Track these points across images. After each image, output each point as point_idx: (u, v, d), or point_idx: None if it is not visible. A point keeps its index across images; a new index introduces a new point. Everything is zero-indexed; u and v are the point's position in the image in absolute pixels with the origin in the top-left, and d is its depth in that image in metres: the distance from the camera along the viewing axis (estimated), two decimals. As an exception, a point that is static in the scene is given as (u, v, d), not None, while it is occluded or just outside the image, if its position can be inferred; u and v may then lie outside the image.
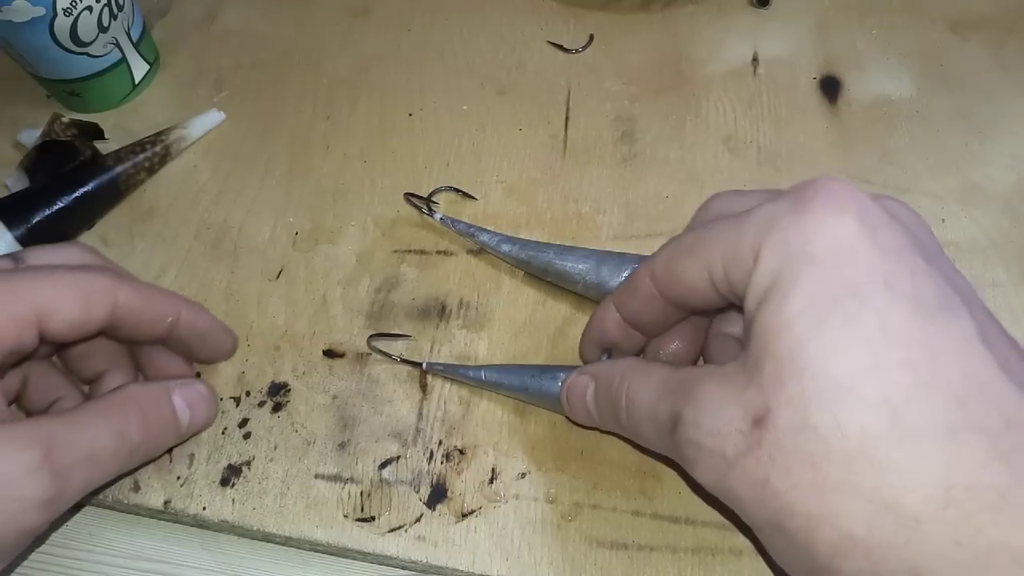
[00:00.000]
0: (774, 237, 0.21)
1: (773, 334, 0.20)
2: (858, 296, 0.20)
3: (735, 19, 0.48)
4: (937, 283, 0.20)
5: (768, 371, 0.20)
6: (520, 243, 0.36)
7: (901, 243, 0.21)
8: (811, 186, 0.22)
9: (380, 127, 0.44)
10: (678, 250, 0.25)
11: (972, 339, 0.20)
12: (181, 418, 0.30)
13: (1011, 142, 0.41)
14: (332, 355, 0.35)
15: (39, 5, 0.38)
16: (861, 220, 0.21)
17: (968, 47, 0.46)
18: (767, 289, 0.21)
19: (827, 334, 0.20)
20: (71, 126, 0.40)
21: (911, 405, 0.19)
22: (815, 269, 0.20)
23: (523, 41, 0.47)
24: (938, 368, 0.19)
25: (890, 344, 0.19)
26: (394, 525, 0.31)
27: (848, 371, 0.19)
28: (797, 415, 0.19)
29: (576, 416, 0.29)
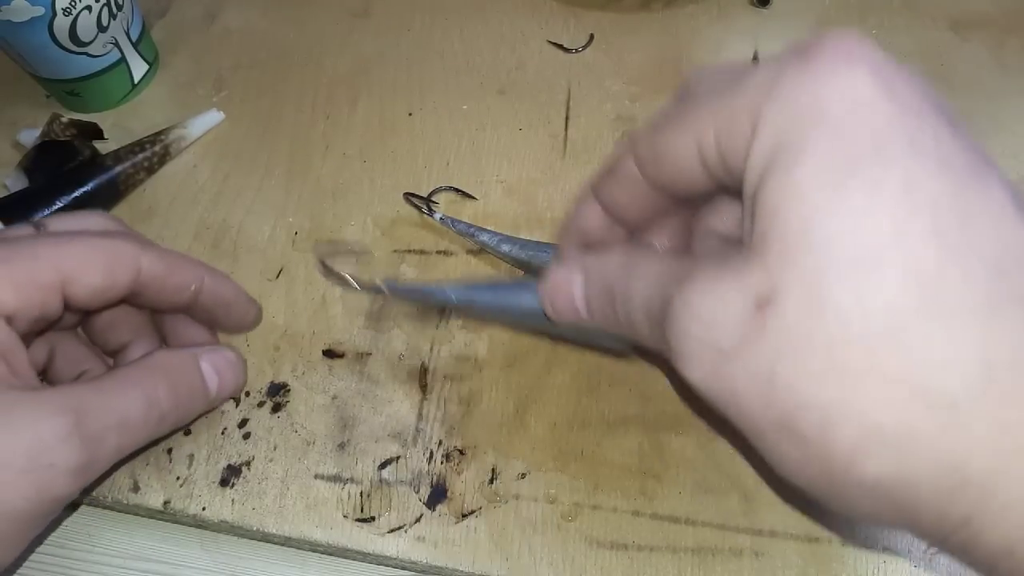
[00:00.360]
0: (777, 98, 0.18)
1: (780, 206, 0.18)
2: (880, 157, 0.17)
3: (736, 19, 0.48)
4: (964, 145, 0.18)
5: (775, 249, 0.17)
6: (520, 243, 0.36)
7: (923, 101, 0.18)
8: (817, 39, 0.19)
9: (380, 127, 0.43)
10: (664, 124, 0.22)
11: (1007, 206, 0.17)
12: (210, 384, 0.30)
13: (1011, 142, 0.41)
14: (332, 355, 0.35)
15: (38, 5, 0.38)
16: (877, 75, 0.18)
17: (968, 47, 0.46)
18: (770, 158, 0.18)
19: (847, 199, 0.17)
20: (70, 126, 0.40)
21: (943, 277, 0.16)
22: (828, 129, 0.17)
23: (523, 41, 0.47)
24: (973, 236, 0.17)
25: (919, 210, 0.17)
26: (394, 525, 0.31)
27: (872, 242, 0.17)
28: (810, 294, 0.17)
29: (561, 315, 0.25)
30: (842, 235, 0.17)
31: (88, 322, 0.31)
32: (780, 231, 0.17)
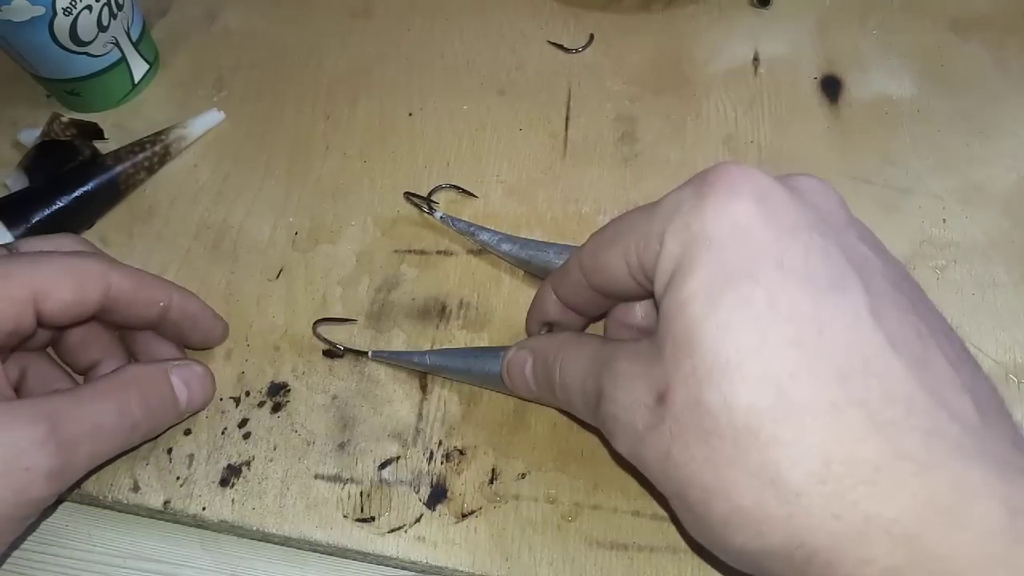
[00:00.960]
0: (677, 222, 0.22)
1: (673, 314, 0.21)
2: (751, 275, 0.20)
3: (736, 19, 0.48)
4: (831, 259, 0.21)
5: (668, 350, 0.21)
6: (520, 242, 0.36)
7: (797, 221, 0.21)
8: (712, 171, 0.23)
9: (380, 127, 0.43)
10: (601, 240, 0.26)
11: (861, 313, 0.20)
12: (180, 396, 0.31)
13: (1011, 142, 0.41)
14: (332, 355, 0.35)
15: (39, 4, 0.38)
16: (757, 200, 0.21)
17: (968, 47, 0.46)
18: (670, 274, 0.22)
19: (719, 313, 0.20)
20: (71, 126, 0.40)
21: (795, 381, 0.19)
22: (711, 251, 0.21)
23: (523, 41, 0.47)
24: (824, 343, 0.20)
25: (778, 321, 0.20)
26: (394, 525, 0.31)
27: (737, 349, 0.20)
28: (691, 392, 0.20)
29: (516, 389, 0.30)
30: (714, 343, 0.20)
31: (59, 341, 0.32)
32: (672, 336, 0.21)
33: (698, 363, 0.20)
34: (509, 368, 0.30)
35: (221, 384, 0.34)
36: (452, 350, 0.34)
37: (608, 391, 0.23)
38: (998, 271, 0.37)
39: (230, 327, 0.36)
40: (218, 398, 0.34)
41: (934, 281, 0.36)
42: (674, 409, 0.21)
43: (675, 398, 0.21)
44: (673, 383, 0.21)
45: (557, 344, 0.28)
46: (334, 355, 0.35)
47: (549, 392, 0.28)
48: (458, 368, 0.33)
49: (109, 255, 0.32)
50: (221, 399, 0.34)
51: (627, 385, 0.23)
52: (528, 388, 0.29)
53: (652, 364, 0.22)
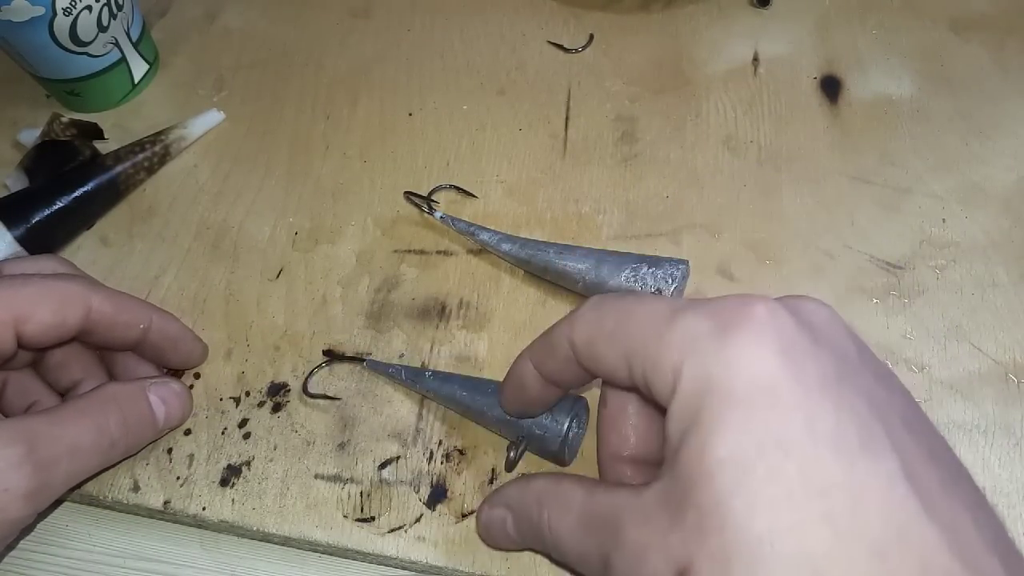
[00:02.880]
0: (694, 362, 0.21)
1: (696, 481, 0.20)
2: (780, 445, 0.19)
3: (735, 19, 0.48)
4: (859, 416, 0.20)
5: (690, 520, 0.20)
6: (520, 242, 0.36)
7: (825, 374, 0.21)
8: (736, 307, 0.21)
9: (380, 127, 0.43)
10: (600, 330, 0.24)
11: (895, 478, 0.19)
12: (157, 414, 0.31)
13: (1011, 142, 0.41)
14: (332, 355, 0.35)
15: (38, 5, 0.38)
16: (785, 354, 0.20)
17: (968, 47, 0.46)
18: (689, 421, 0.21)
19: (750, 488, 0.19)
20: (71, 126, 0.40)
21: (831, 562, 0.18)
22: (738, 413, 0.20)
23: (523, 41, 0.47)
24: (859, 517, 0.19)
25: (811, 497, 0.19)
26: (394, 525, 0.31)
27: (770, 528, 0.19)
28: (718, 571, 0.19)
29: (501, 545, 0.29)
30: (745, 520, 0.19)
31: (40, 361, 0.33)
32: (695, 507, 0.20)
33: (727, 540, 0.19)
34: (488, 529, 0.29)
35: (221, 384, 0.34)
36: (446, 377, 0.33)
37: (618, 564, 0.22)
38: (998, 271, 0.37)
39: (230, 327, 0.36)
40: (218, 398, 0.34)
41: (934, 281, 0.36)
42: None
43: None
44: (698, 561, 0.19)
45: (536, 496, 0.26)
46: (334, 355, 0.35)
47: (541, 549, 0.27)
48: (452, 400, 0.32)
49: (90, 277, 0.32)
50: (221, 399, 0.34)
51: (641, 558, 0.21)
52: (512, 543, 0.28)
53: (668, 531, 0.20)
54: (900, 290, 0.36)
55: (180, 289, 0.37)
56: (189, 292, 0.37)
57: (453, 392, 0.32)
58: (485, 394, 0.31)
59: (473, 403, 0.31)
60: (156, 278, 0.38)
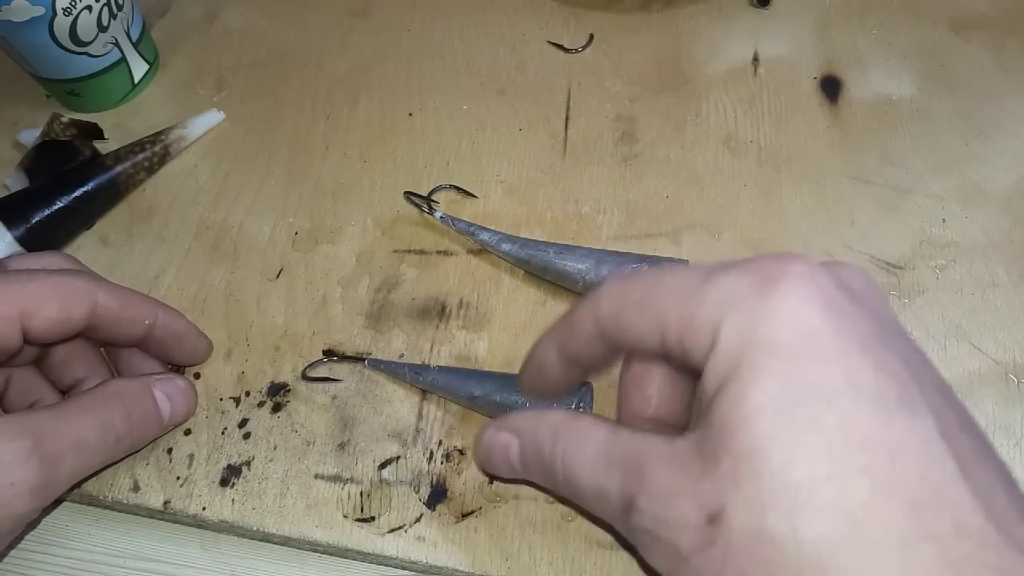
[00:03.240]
0: (736, 318, 0.21)
1: (732, 427, 0.20)
2: (822, 395, 0.19)
3: (735, 19, 0.48)
4: (897, 376, 0.20)
5: (725, 466, 0.20)
6: (520, 242, 0.36)
7: (865, 332, 0.21)
8: (774, 264, 0.21)
9: (380, 127, 0.43)
10: (628, 301, 0.23)
11: (931, 438, 0.19)
12: (163, 410, 0.31)
13: (1011, 142, 0.41)
14: (332, 355, 0.35)
15: (38, 5, 0.38)
16: (826, 309, 0.20)
17: (968, 47, 0.46)
18: (727, 374, 0.20)
19: (789, 435, 0.19)
20: (71, 126, 0.40)
21: (868, 513, 0.19)
22: (779, 362, 0.20)
23: (523, 41, 0.47)
24: (896, 472, 0.19)
25: (850, 448, 0.19)
26: (394, 525, 0.31)
27: (808, 477, 0.19)
28: (753, 518, 0.19)
29: (498, 472, 0.28)
30: (783, 468, 0.19)
31: (44, 358, 0.33)
32: (730, 453, 0.20)
33: (764, 487, 0.19)
34: (488, 452, 0.28)
35: (221, 384, 0.34)
36: (448, 371, 0.33)
37: (643, 505, 0.22)
38: (998, 271, 0.37)
39: (230, 327, 0.36)
40: (218, 398, 0.34)
41: (934, 281, 0.36)
42: (730, 534, 0.19)
43: (732, 522, 0.19)
44: (730, 505, 0.19)
45: (551, 427, 0.25)
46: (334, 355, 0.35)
47: (548, 483, 0.26)
48: (454, 391, 0.32)
49: (95, 273, 0.32)
50: (221, 399, 0.34)
51: (668, 501, 0.21)
52: (513, 472, 0.27)
53: (700, 478, 0.20)
54: (900, 290, 0.36)
55: (180, 289, 0.37)
56: (189, 292, 0.37)
57: (458, 381, 0.32)
58: (491, 382, 0.31)
59: (478, 390, 0.31)
60: (156, 278, 0.38)
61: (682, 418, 0.26)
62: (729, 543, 0.19)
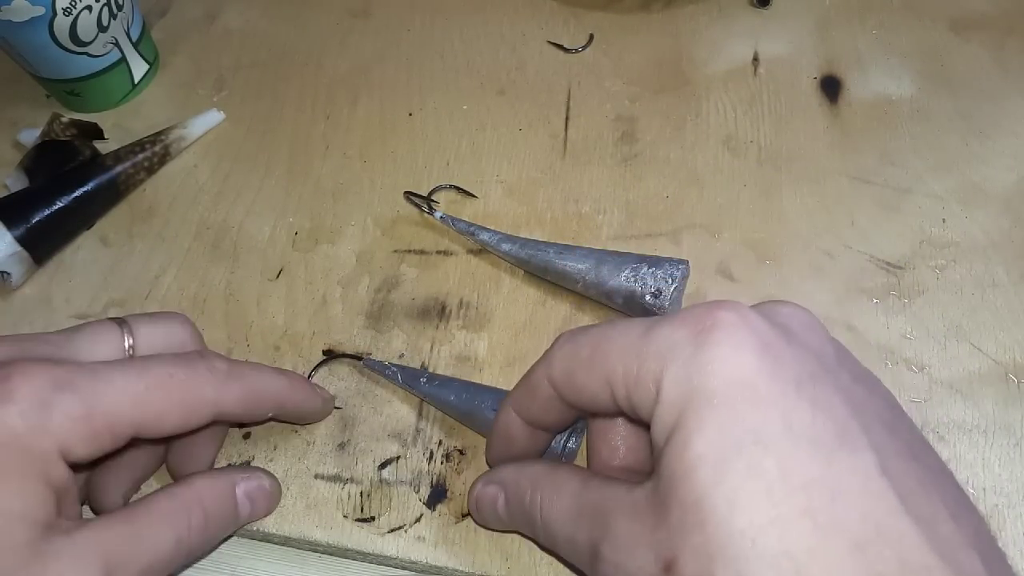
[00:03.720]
0: (674, 369, 0.21)
1: (678, 478, 0.20)
2: (759, 440, 0.20)
3: (735, 19, 0.48)
4: (836, 414, 0.20)
5: (675, 516, 0.20)
6: (520, 242, 0.36)
7: (801, 372, 0.21)
8: (706, 314, 0.22)
9: (380, 127, 0.43)
10: (577, 361, 0.24)
11: (871, 474, 0.20)
12: (242, 513, 0.30)
13: (1011, 142, 0.41)
14: (332, 355, 0.35)
15: (38, 5, 0.38)
16: (760, 353, 0.21)
17: (968, 47, 0.46)
18: (672, 425, 0.21)
19: (729, 483, 0.19)
20: (71, 126, 0.40)
21: (812, 557, 0.19)
22: (716, 411, 0.20)
23: (523, 41, 0.47)
24: (837, 512, 0.19)
25: (791, 492, 0.19)
26: (394, 525, 0.31)
27: (751, 524, 0.19)
28: (702, 567, 0.19)
29: (490, 524, 0.29)
30: (726, 516, 0.19)
31: None
32: (679, 503, 0.20)
33: (710, 536, 0.19)
34: (478, 504, 0.28)
35: (221, 384, 0.34)
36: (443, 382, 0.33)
37: (606, 554, 0.22)
38: (998, 271, 0.37)
39: (230, 327, 0.36)
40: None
41: (934, 281, 0.36)
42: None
43: (684, 571, 0.20)
44: (681, 554, 0.20)
45: (531, 479, 0.26)
46: (334, 355, 0.35)
47: (529, 532, 0.27)
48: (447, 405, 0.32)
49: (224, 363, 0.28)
50: (221, 399, 0.34)
51: (629, 550, 0.21)
52: (501, 523, 0.28)
53: (655, 527, 0.21)
54: (900, 290, 0.36)
55: (180, 289, 0.37)
56: (189, 292, 0.37)
57: (448, 397, 0.32)
58: (482, 398, 0.31)
59: (470, 407, 0.31)
60: (156, 278, 0.38)
61: (647, 466, 0.27)
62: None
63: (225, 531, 0.30)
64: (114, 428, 0.25)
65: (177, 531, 0.26)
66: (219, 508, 0.29)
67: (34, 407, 0.24)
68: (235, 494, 0.29)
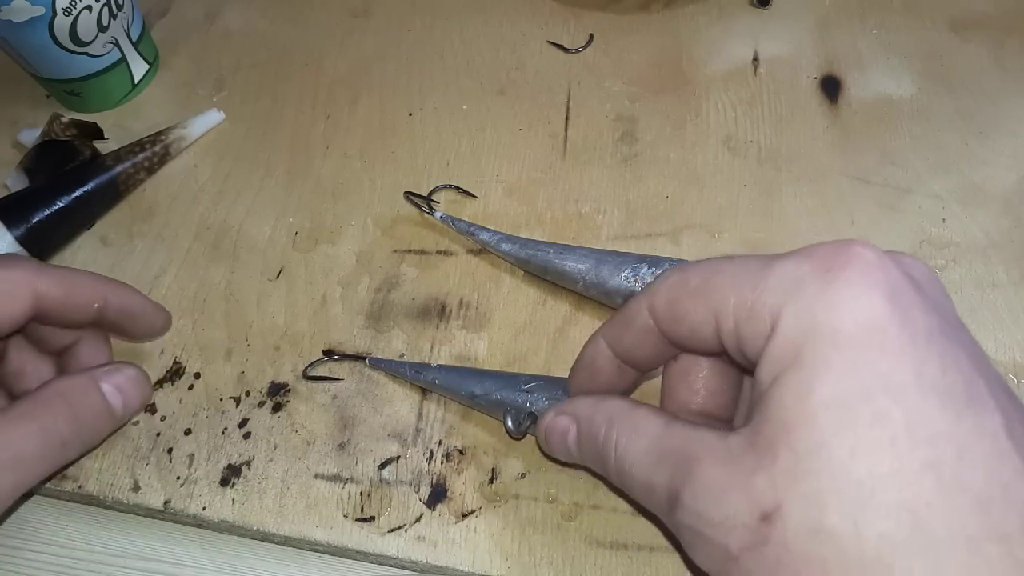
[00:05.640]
0: (798, 304, 0.20)
1: (793, 422, 0.19)
2: (888, 390, 0.19)
3: (735, 19, 0.48)
4: (964, 371, 0.19)
5: (782, 462, 0.19)
6: (520, 242, 0.36)
7: (931, 325, 0.20)
8: (839, 251, 0.20)
9: (380, 127, 0.43)
10: (684, 289, 0.23)
11: (999, 435, 0.19)
12: (114, 404, 0.30)
13: (1011, 142, 0.41)
14: (332, 355, 0.35)
15: (38, 5, 0.38)
16: (893, 299, 0.19)
17: (968, 47, 0.46)
18: (786, 364, 0.20)
19: (854, 433, 0.18)
20: (71, 126, 0.40)
21: (933, 512, 0.18)
22: (843, 354, 0.19)
23: (523, 41, 0.47)
24: (963, 469, 0.18)
25: (916, 444, 0.18)
26: (394, 525, 0.31)
27: (872, 474, 0.18)
28: (811, 515, 0.18)
29: (557, 455, 0.28)
30: (845, 464, 0.18)
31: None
32: (790, 448, 0.19)
33: (825, 484, 0.18)
34: (548, 435, 0.27)
35: (221, 384, 0.34)
36: (449, 369, 0.33)
37: (689, 501, 0.21)
38: (998, 271, 0.37)
39: (230, 327, 0.36)
40: (218, 398, 0.34)
41: (934, 281, 0.36)
42: (785, 532, 0.19)
43: (789, 520, 0.19)
44: (787, 502, 0.19)
45: (607, 415, 0.25)
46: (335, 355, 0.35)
47: (601, 470, 0.26)
48: (454, 390, 0.32)
49: (34, 260, 0.30)
50: (221, 399, 0.34)
51: (717, 498, 0.20)
52: (570, 456, 0.27)
53: (753, 473, 0.19)
54: (900, 290, 0.36)
55: (180, 289, 0.37)
56: (189, 292, 0.37)
57: (458, 380, 0.32)
58: (491, 380, 0.31)
59: (479, 388, 0.31)
60: (156, 278, 0.38)
61: (728, 412, 0.26)
62: (784, 542, 0.19)
63: (102, 424, 0.30)
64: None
65: (42, 424, 0.27)
66: (84, 400, 0.29)
67: None
68: (99, 387, 0.29)
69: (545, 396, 0.30)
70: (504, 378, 0.32)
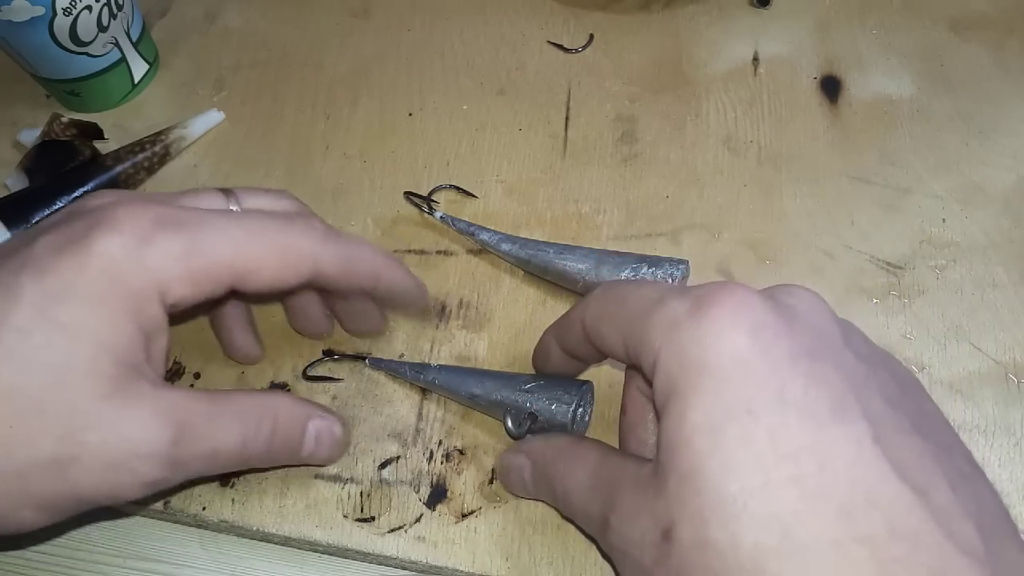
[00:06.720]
0: (672, 342, 0.22)
1: (675, 447, 0.21)
2: (751, 411, 0.21)
3: (735, 19, 0.48)
4: (831, 386, 0.21)
5: (672, 485, 0.21)
6: (520, 242, 0.36)
7: (797, 350, 0.21)
8: (708, 293, 0.22)
9: (380, 127, 0.43)
10: (603, 310, 0.26)
11: (863, 443, 0.20)
12: (307, 448, 0.30)
13: (1011, 142, 0.41)
14: (332, 355, 0.35)
15: (38, 5, 0.38)
16: (754, 333, 0.21)
17: (968, 47, 0.46)
18: (668, 394, 0.22)
19: (722, 451, 0.20)
20: (71, 126, 0.40)
21: (799, 519, 0.19)
22: (711, 382, 0.21)
23: (523, 41, 0.47)
24: (826, 479, 0.20)
25: (780, 459, 0.20)
26: (394, 525, 0.31)
27: (743, 488, 0.20)
28: (698, 531, 0.20)
29: (515, 491, 0.30)
30: (719, 482, 0.20)
31: None
32: (675, 470, 0.21)
33: (704, 502, 0.20)
34: (506, 473, 0.30)
35: (222, 384, 0.34)
36: (449, 369, 0.33)
37: (614, 524, 0.23)
38: (998, 271, 0.37)
39: None
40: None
41: (934, 281, 0.36)
42: (680, 547, 0.21)
43: (681, 536, 0.21)
44: (679, 521, 0.21)
45: (555, 452, 0.28)
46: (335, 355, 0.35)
47: (550, 500, 0.28)
48: (454, 390, 0.32)
49: (321, 222, 0.29)
50: (221, 399, 0.34)
51: (633, 520, 0.23)
52: (526, 491, 0.29)
53: (656, 497, 0.22)
54: (900, 290, 0.36)
55: (180, 289, 0.37)
56: (189, 292, 0.37)
57: (458, 380, 0.32)
58: (491, 380, 0.31)
59: (479, 388, 0.31)
60: (156, 278, 0.38)
61: None
62: (681, 556, 0.21)
63: (284, 457, 0.29)
64: (211, 270, 0.25)
65: (246, 432, 0.27)
66: (288, 429, 0.28)
67: (135, 241, 0.24)
68: (307, 425, 0.29)
69: (545, 396, 0.30)
70: (504, 378, 0.32)
